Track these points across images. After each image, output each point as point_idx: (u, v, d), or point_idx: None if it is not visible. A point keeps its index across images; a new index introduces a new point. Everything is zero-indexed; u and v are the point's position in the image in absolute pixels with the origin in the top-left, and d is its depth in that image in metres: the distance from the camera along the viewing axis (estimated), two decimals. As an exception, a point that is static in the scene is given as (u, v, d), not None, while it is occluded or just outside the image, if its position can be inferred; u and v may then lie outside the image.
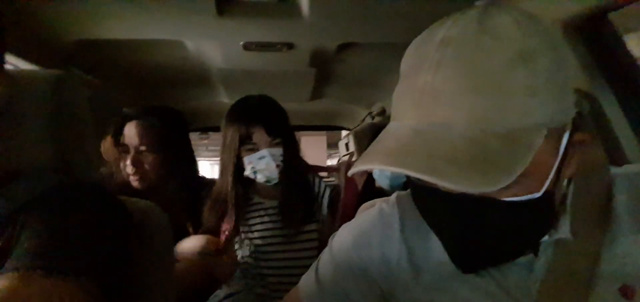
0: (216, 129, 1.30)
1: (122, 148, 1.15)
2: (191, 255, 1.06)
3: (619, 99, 0.79)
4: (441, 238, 0.46)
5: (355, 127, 2.11)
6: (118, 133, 1.16)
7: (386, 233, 0.55)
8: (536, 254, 0.46)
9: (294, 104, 1.82)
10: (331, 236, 0.61)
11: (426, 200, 0.45)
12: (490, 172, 0.34)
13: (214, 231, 1.15)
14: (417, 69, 0.40)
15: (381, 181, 1.29)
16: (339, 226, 0.62)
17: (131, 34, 1.05)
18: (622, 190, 0.45)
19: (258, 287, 1.15)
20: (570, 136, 0.41)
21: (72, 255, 0.45)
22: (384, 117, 1.89)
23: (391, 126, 0.44)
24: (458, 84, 0.37)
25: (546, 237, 0.45)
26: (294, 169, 1.15)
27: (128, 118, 1.16)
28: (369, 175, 1.36)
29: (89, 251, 0.48)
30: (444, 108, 0.37)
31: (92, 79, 1.29)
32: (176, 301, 0.73)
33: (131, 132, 1.14)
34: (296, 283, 0.60)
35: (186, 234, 1.17)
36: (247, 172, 1.11)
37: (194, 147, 1.37)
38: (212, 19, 0.97)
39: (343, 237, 0.58)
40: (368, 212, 0.60)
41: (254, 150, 1.09)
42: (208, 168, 9.85)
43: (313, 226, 1.19)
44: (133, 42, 1.11)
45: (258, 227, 1.16)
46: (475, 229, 0.41)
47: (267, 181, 1.12)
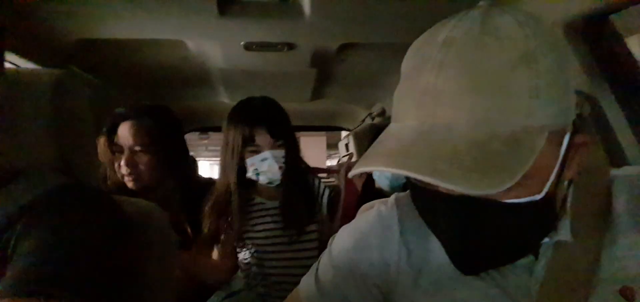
0: (216, 129, 1.30)
1: (116, 149, 1.13)
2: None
3: (620, 101, 0.79)
4: (442, 240, 0.45)
5: (355, 127, 2.10)
6: (112, 133, 1.13)
7: (385, 235, 0.54)
8: (536, 256, 0.46)
9: (294, 104, 1.82)
10: (330, 238, 0.60)
11: (426, 201, 0.45)
12: (492, 174, 0.34)
13: (215, 232, 1.15)
14: (419, 70, 0.39)
15: (381, 182, 1.29)
16: (339, 227, 0.61)
17: (132, 34, 1.05)
18: (622, 192, 0.45)
19: (259, 286, 1.16)
20: (571, 138, 0.41)
21: (66, 277, 0.45)
22: (384, 117, 1.89)
23: (392, 127, 0.44)
24: (461, 85, 0.36)
25: (547, 239, 0.45)
26: (296, 171, 1.16)
27: (121, 118, 1.13)
28: (369, 176, 1.35)
29: (86, 269, 0.47)
30: (447, 109, 0.37)
31: (93, 79, 1.29)
32: (176, 301, 0.73)
33: (125, 132, 1.12)
34: (297, 283, 0.60)
35: (184, 234, 1.16)
36: (249, 173, 1.11)
37: (194, 147, 1.36)
38: (214, 19, 0.97)
39: (342, 239, 0.58)
40: (367, 214, 0.59)
41: (257, 152, 1.09)
42: (208, 168, 9.86)
43: (313, 227, 1.19)
44: (134, 41, 1.11)
45: (259, 227, 1.16)
46: (476, 231, 0.41)
47: (270, 182, 1.12)
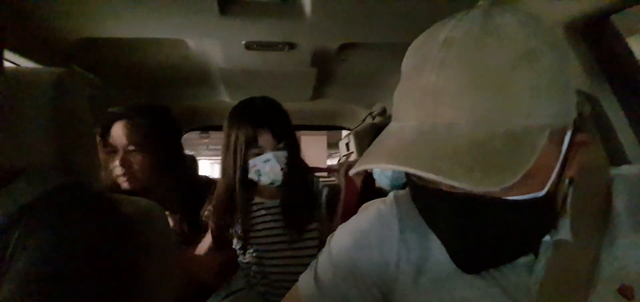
0: (217, 128, 1.30)
1: (110, 149, 1.12)
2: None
3: (621, 101, 0.79)
4: (442, 238, 0.45)
5: (355, 127, 2.10)
6: (105, 133, 1.12)
7: (385, 234, 0.54)
8: (537, 255, 0.46)
9: (295, 104, 1.82)
10: (329, 236, 0.60)
11: (427, 200, 0.45)
12: (494, 172, 0.34)
13: (222, 234, 1.15)
14: (420, 69, 0.39)
15: (381, 182, 1.29)
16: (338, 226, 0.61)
17: (133, 33, 1.05)
18: (622, 191, 0.45)
19: (259, 285, 1.16)
20: (571, 137, 0.41)
21: (67, 277, 0.45)
22: (385, 117, 1.89)
23: (393, 126, 0.43)
24: (462, 84, 0.36)
25: (547, 237, 0.45)
26: (297, 171, 1.16)
27: (115, 118, 1.12)
28: (369, 175, 1.35)
29: (86, 269, 0.47)
30: (448, 108, 0.37)
31: (93, 78, 1.29)
32: (177, 300, 0.73)
33: (118, 132, 1.11)
34: (297, 281, 0.60)
35: (182, 234, 1.16)
36: (251, 174, 1.11)
37: (195, 146, 1.36)
38: (214, 18, 0.97)
39: (341, 238, 0.57)
40: (366, 212, 0.59)
41: (259, 153, 1.09)
42: (208, 167, 9.86)
43: (314, 226, 1.20)
44: (134, 40, 1.10)
45: (260, 226, 1.16)
46: (477, 229, 0.41)
47: (271, 183, 1.12)
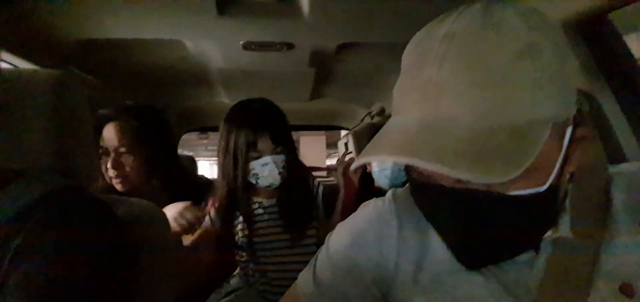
0: (215, 129, 1.30)
1: (102, 151, 1.11)
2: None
3: (619, 99, 0.79)
4: (444, 234, 0.45)
5: (354, 127, 2.11)
6: (97, 136, 1.11)
7: (383, 232, 0.54)
8: (537, 252, 0.46)
9: (294, 104, 1.82)
10: (328, 235, 0.60)
11: (428, 196, 0.45)
12: (498, 165, 0.34)
13: (228, 236, 1.16)
14: (421, 64, 0.39)
15: (380, 181, 1.29)
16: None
17: (131, 34, 1.05)
18: (621, 188, 0.45)
19: (258, 284, 1.16)
20: (572, 132, 0.41)
21: (67, 278, 0.45)
22: (384, 116, 1.89)
23: (394, 120, 0.43)
24: (463, 78, 0.36)
25: (548, 233, 0.45)
26: (295, 173, 1.17)
27: (106, 119, 1.12)
28: (368, 174, 1.35)
29: (87, 270, 0.47)
30: (449, 102, 0.37)
31: (92, 79, 1.28)
32: (176, 300, 0.73)
33: (110, 133, 1.11)
34: (296, 279, 0.59)
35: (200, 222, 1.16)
36: (249, 177, 1.12)
37: (194, 146, 1.36)
38: (212, 19, 0.97)
39: (339, 236, 0.57)
40: (364, 210, 0.58)
41: (258, 157, 1.09)
42: (207, 168, 9.85)
43: (312, 224, 1.21)
44: (133, 41, 1.10)
45: (258, 226, 1.16)
46: (480, 224, 0.41)
47: (269, 186, 1.13)
